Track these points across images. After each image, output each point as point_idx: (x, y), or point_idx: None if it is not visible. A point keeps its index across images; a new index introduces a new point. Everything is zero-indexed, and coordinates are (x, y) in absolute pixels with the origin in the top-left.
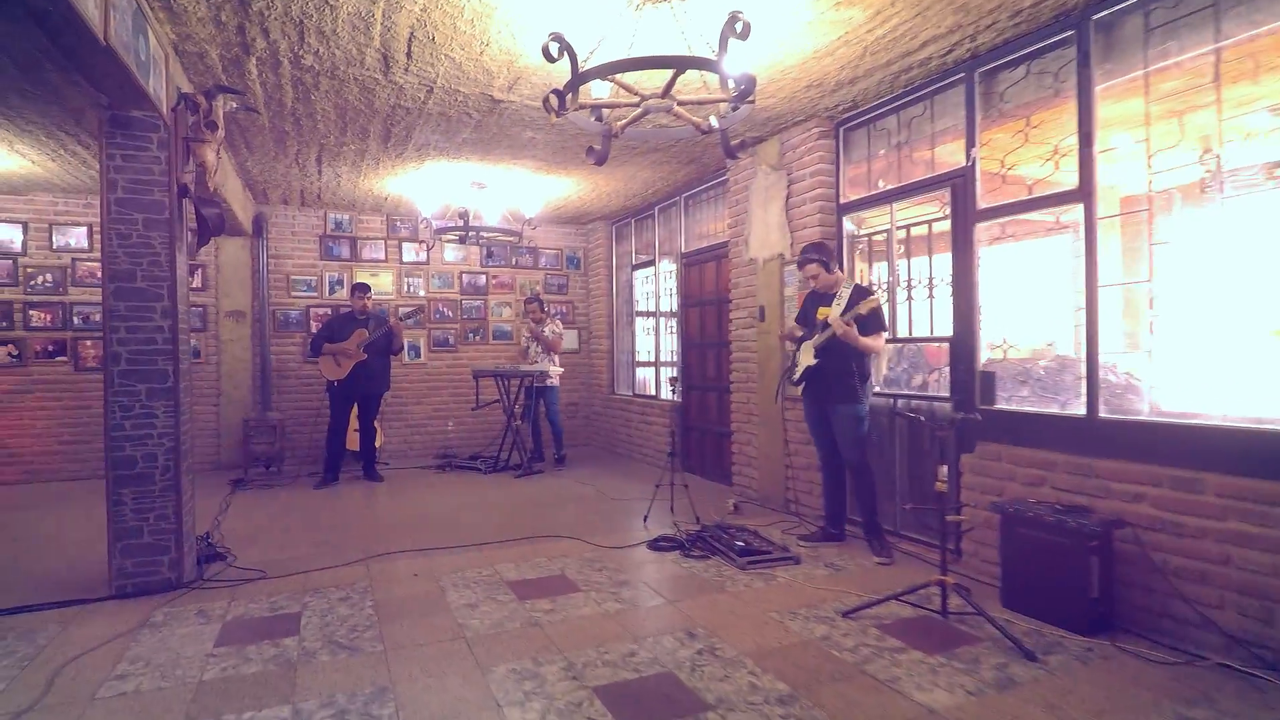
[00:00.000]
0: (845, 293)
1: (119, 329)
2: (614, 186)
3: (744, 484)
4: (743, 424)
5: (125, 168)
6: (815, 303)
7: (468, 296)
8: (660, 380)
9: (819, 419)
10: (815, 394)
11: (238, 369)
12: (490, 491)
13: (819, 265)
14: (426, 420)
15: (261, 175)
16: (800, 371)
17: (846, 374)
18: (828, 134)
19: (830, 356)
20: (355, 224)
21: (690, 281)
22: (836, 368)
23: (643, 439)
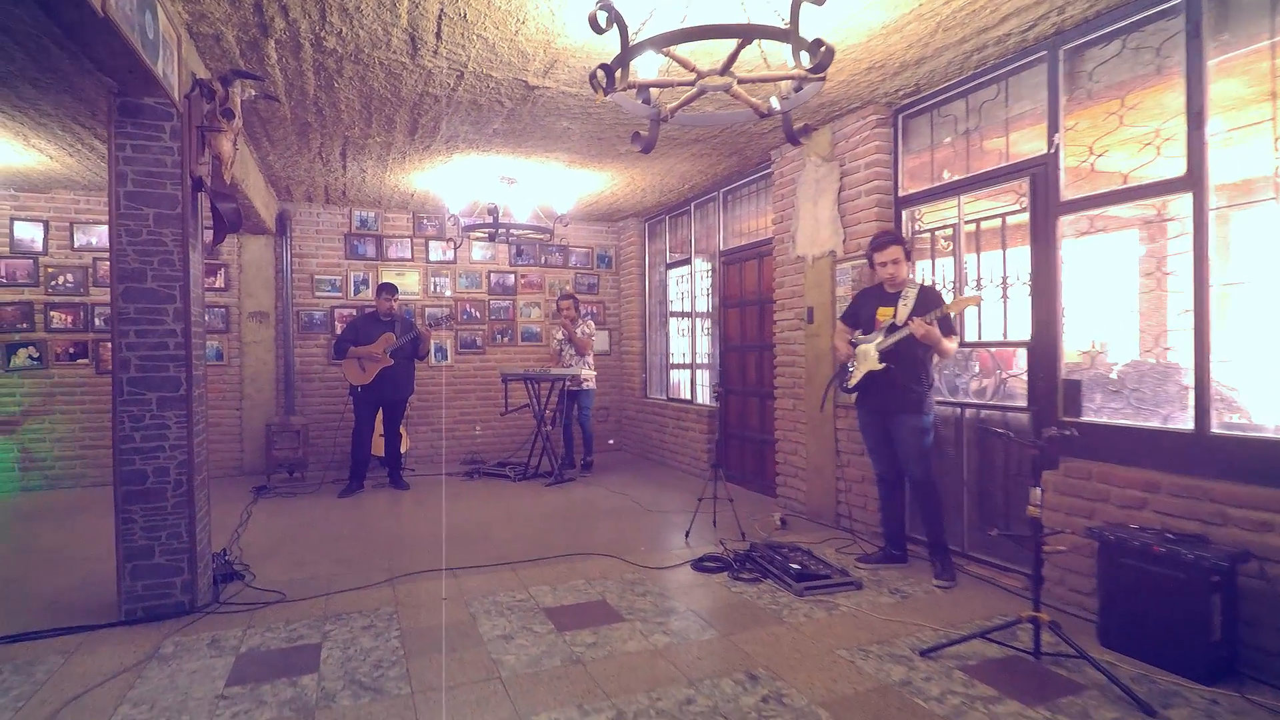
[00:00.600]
0: (911, 292)
1: (128, 333)
2: (650, 181)
3: (790, 496)
4: (788, 432)
5: (135, 159)
6: (872, 302)
7: (496, 297)
8: (696, 384)
9: (878, 429)
10: (875, 402)
11: (261, 372)
12: (521, 501)
13: (900, 249)
14: (453, 425)
15: (284, 170)
16: (858, 377)
17: (913, 381)
18: (885, 122)
19: (898, 361)
20: (381, 222)
21: (729, 281)
22: (903, 374)
23: (678, 445)
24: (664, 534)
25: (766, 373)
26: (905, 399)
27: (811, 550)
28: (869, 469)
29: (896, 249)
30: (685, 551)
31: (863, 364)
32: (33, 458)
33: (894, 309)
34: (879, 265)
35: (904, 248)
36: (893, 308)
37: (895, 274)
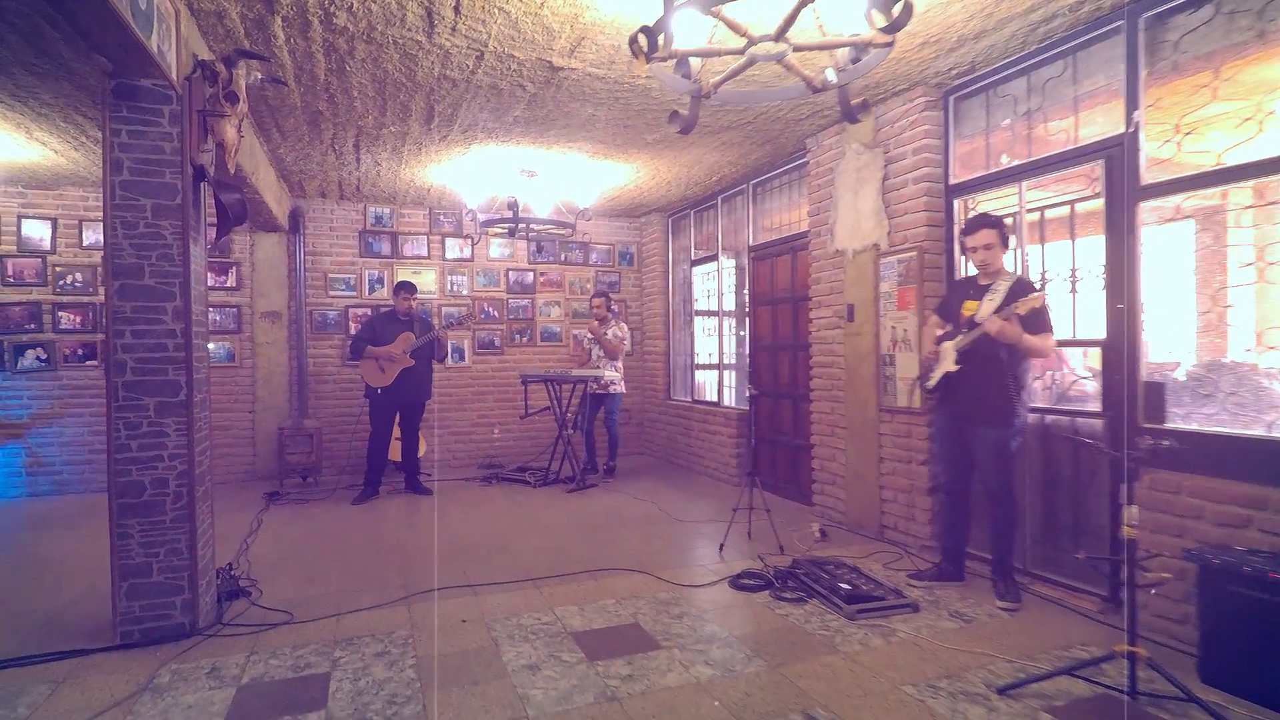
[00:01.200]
0: (1003, 285)
1: (124, 333)
2: (677, 173)
3: (827, 505)
4: (826, 437)
5: (132, 146)
6: (961, 295)
7: (514, 295)
8: (723, 385)
9: (955, 437)
10: (954, 408)
11: (274, 373)
12: (542, 509)
13: (995, 233)
14: (471, 428)
15: (296, 165)
16: (936, 378)
17: (998, 386)
18: (935, 104)
19: (976, 363)
20: (396, 218)
21: (759, 277)
22: (984, 377)
23: (704, 450)
24: (696, 546)
25: (800, 374)
26: (987, 407)
27: (858, 567)
28: (917, 477)
29: (989, 233)
30: (721, 566)
31: (941, 363)
32: (41, 462)
33: (979, 303)
34: (969, 251)
35: (1000, 231)
36: (979, 301)
37: (987, 262)
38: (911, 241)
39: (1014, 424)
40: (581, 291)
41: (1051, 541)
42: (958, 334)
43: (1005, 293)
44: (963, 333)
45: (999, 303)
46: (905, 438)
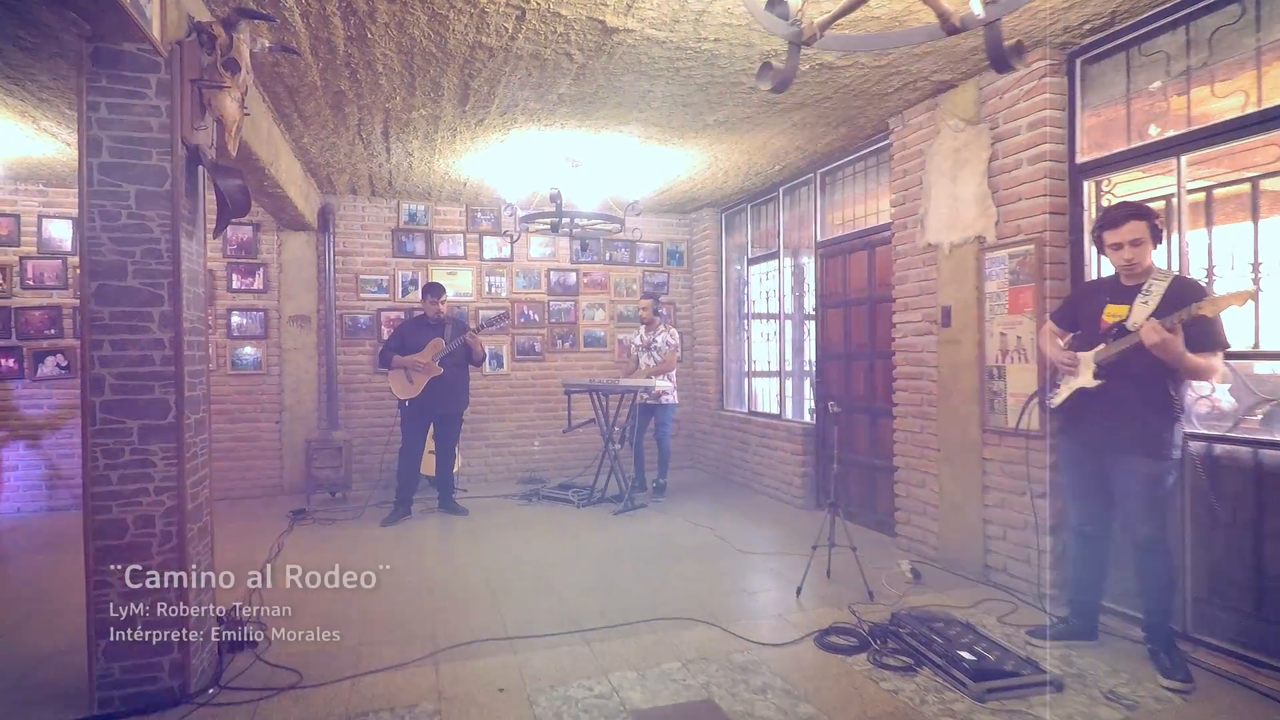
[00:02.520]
0: (1157, 286)
1: (102, 344)
2: (736, 160)
3: (914, 538)
4: (913, 460)
5: (112, 121)
6: (1099, 297)
7: (556, 297)
8: (786, 396)
9: (1090, 469)
10: (1090, 433)
11: (302, 381)
12: (588, 534)
13: (1145, 226)
14: (509, 440)
15: (322, 156)
16: (1065, 395)
17: (1153, 408)
18: (1057, 69)
19: (1123, 379)
20: (431, 216)
21: (830, 276)
22: (1134, 397)
23: (763, 467)
24: (767, 586)
25: (879, 385)
26: (1138, 434)
27: (971, 623)
28: (1026, 510)
29: (1138, 226)
30: (801, 617)
31: (1074, 378)
32: (60, 475)
33: (1128, 307)
34: (1111, 248)
35: (1151, 224)
36: (1126, 305)
37: (1136, 259)
38: (1027, 232)
39: (1171, 455)
40: (627, 293)
41: (1220, 600)
42: (1095, 343)
43: (1161, 295)
44: (1106, 342)
45: (1154, 306)
46: (1018, 465)
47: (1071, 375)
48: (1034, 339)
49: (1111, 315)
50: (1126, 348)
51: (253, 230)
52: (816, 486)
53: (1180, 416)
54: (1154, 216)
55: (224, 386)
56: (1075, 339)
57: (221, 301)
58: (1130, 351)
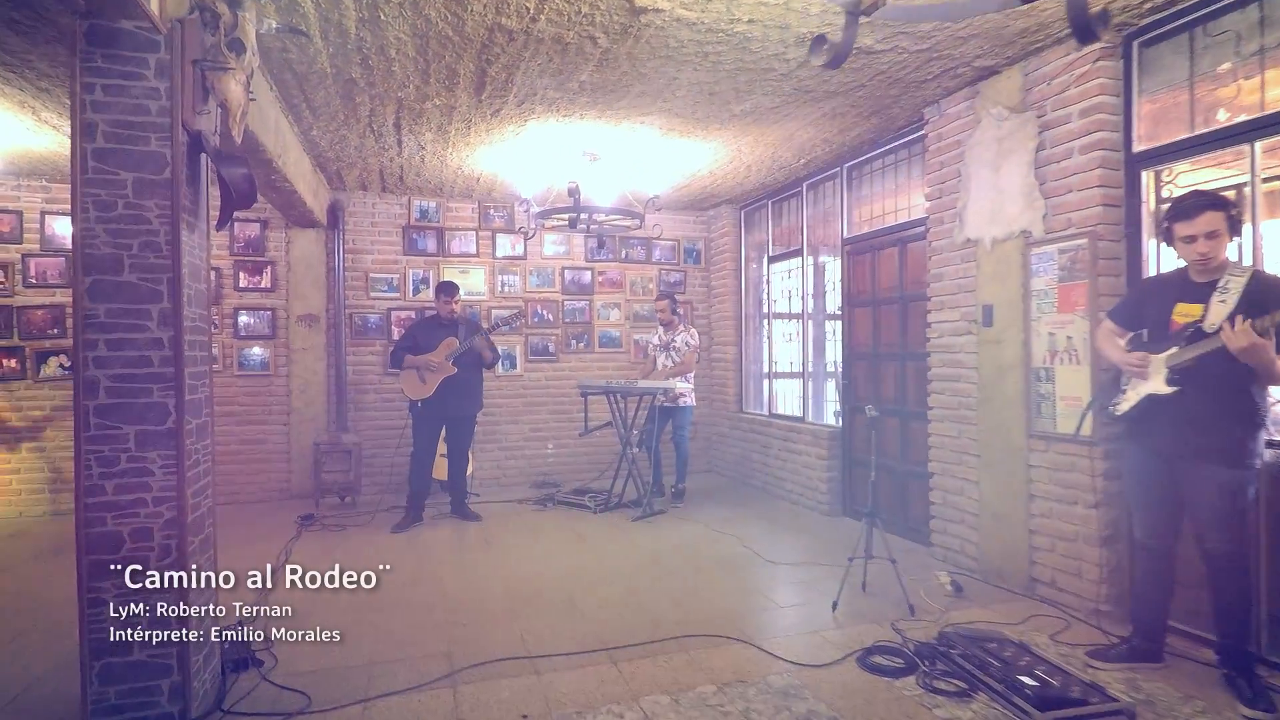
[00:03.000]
0: (1235, 283)
1: (96, 344)
2: (760, 154)
3: (951, 547)
4: (950, 465)
5: (108, 104)
6: (1168, 294)
7: (570, 297)
8: (808, 398)
9: (1160, 479)
10: (1162, 440)
11: (311, 382)
12: (607, 543)
13: (1222, 217)
14: (522, 443)
15: (332, 150)
16: (1132, 402)
17: (1234, 415)
18: (1111, 53)
19: (1201, 384)
20: (443, 212)
21: (857, 274)
22: (1213, 403)
23: (786, 472)
24: (799, 600)
25: (911, 388)
26: (1218, 442)
27: (1027, 644)
28: (1086, 523)
29: (1214, 216)
30: (839, 635)
31: (1143, 382)
32: (64, 479)
33: (1203, 306)
34: (1182, 241)
35: (1227, 214)
36: (1200, 304)
37: (1211, 254)
38: (1079, 226)
39: (1253, 464)
40: (644, 292)
41: None
42: (1165, 345)
43: (1240, 292)
44: (1178, 345)
45: (1233, 305)
46: (1067, 472)
47: (1140, 379)
48: (1087, 339)
49: (1183, 315)
50: (1206, 352)
51: (260, 227)
52: (843, 492)
53: (1264, 423)
54: (1231, 207)
55: (231, 388)
56: (1135, 339)
57: (228, 300)
58: (1212, 355)
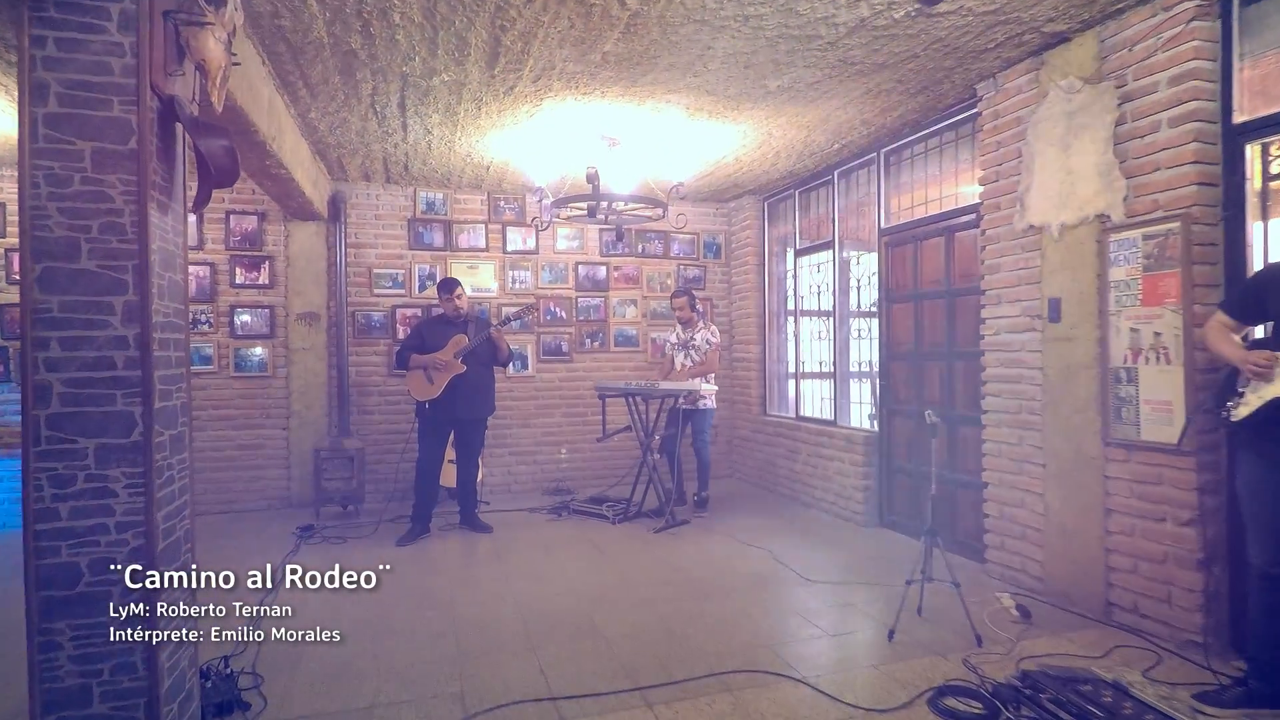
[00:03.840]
0: None
1: (48, 342)
2: (793, 137)
3: (1010, 565)
4: (1008, 475)
5: (62, 62)
6: None
7: (584, 293)
8: (840, 398)
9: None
10: None
11: (311, 384)
12: (629, 558)
13: None
14: (534, 447)
15: (332, 134)
16: (1256, 405)
17: None
18: (1207, 11)
19: None
20: (450, 205)
21: (896, 267)
22: None
23: (816, 479)
24: (849, 626)
25: (961, 390)
26: None
27: (1124, 684)
28: (1177, 542)
29: None
30: (901, 668)
31: (1265, 385)
32: None
33: None
34: None
35: None
36: None
37: None
38: (1168, 208)
39: None
40: (661, 288)
41: None
42: None
43: None
44: None
45: None
46: (1154, 485)
47: (1263, 381)
48: (1180, 336)
49: None
50: None
51: (258, 220)
52: (880, 501)
53: None
54: None
55: (227, 390)
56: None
57: (224, 298)
58: None
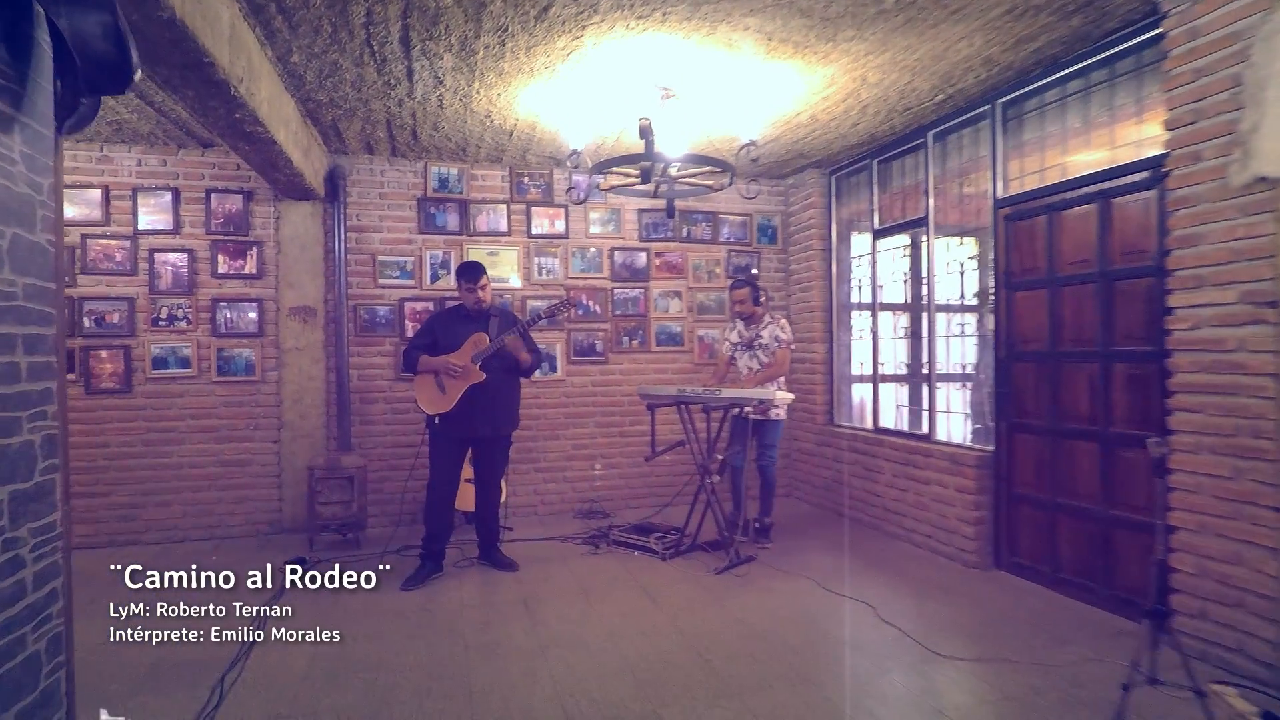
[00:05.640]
0: None
1: None
2: (891, 84)
3: (1217, 640)
4: (1216, 518)
5: None
6: None
7: (621, 284)
8: (937, 404)
9: None
10: None
11: (306, 390)
12: (691, 613)
13: None
14: (564, 462)
15: (322, 88)
16: None
17: None
18: None
19: None
20: (467, 181)
21: (1018, 246)
22: None
23: (905, 506)
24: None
25: (1120, 400)
26: None
27: None
28: None
29: None
30: None
31: None
32: None
33: None
34: None
35: None
36: None
37: None
38: None
39: None
40: (709, 277)
41: None
42: None
43: None
44: None
45: None
46: None
47: None
48: None
49: None
50: None
51: (243, 199)
52: (995, 537)
53: None
54: None
55: (208, 397)
56: None
57: (204, 290)
58: None
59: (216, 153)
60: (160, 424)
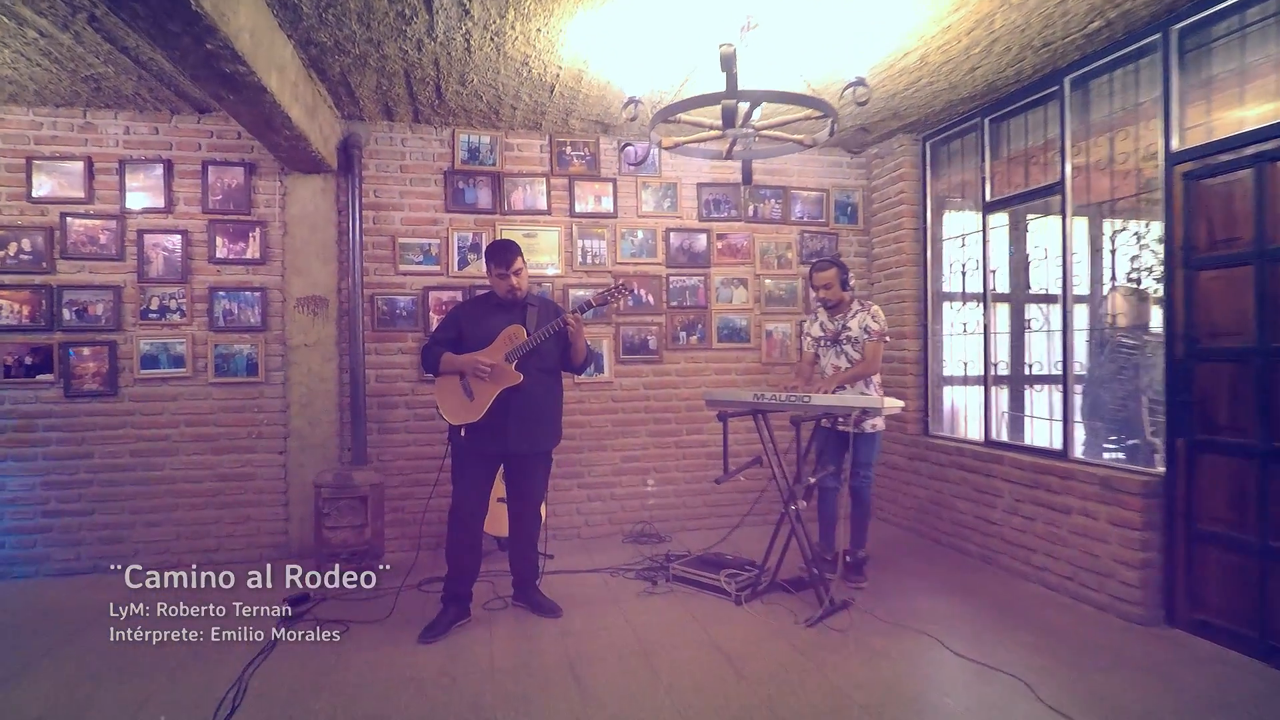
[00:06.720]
0: None
1: None
2: (1033, 8)
3: None
4: None
5: None
6: None
7: (678, 271)
8: (1072, 415)
9: None
10: None
11: (316, 393)
12: (780, 679)
13: None
14: (612, 476)
15: (325, 29)
16: None
17: None
18: None
19: None
20: (500, 151)
21: (1203, 216)
22: None
23: (1035, 540)
24: None
25: None
26: None
27: None
28: None
29: None
30: None
31: None
32: None
33: None
34: None
35: None
36: None
37: None
38: None
39: None
40: (779, 263)
41: None
42: None
43: None
44: None
45: None
46: None
47: None
48: None
49: None
50: None
51: (245, 173)
52: (1167, 586)
53: None
54: None
55: (205, 401)
56: None
57: (200, 276)
58: None
59: (214, 119)
60: (150, 432)
